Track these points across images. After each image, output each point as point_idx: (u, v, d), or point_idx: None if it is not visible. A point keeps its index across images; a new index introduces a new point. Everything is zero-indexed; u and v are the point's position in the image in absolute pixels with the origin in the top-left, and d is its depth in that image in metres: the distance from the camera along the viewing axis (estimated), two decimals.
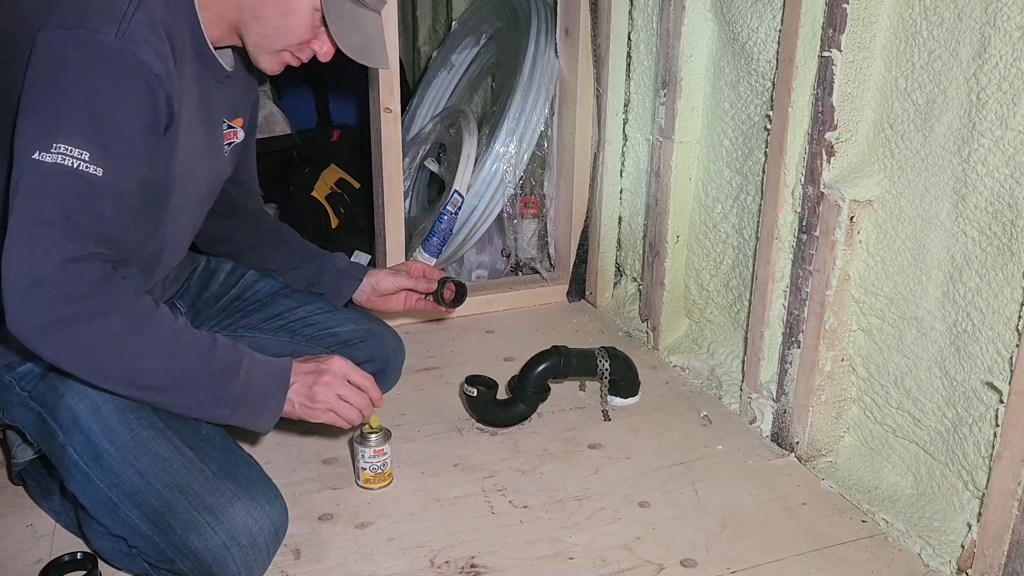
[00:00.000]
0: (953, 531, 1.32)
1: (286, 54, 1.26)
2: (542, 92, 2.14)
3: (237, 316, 1.54)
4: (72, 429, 1.16)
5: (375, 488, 1.45)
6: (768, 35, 1.57)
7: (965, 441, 1.31)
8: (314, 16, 1.21)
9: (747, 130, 1.68)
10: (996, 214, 1.22)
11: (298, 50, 1.26)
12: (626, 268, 2.18)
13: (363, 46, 1.25)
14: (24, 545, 1.31)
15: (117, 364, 1.09)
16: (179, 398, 1.15)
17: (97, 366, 1.09)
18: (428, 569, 1.28)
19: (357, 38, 1.23)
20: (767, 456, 1.58)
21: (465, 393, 1.62)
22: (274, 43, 1.23)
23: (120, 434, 1.16)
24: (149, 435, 1.17)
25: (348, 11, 1.22)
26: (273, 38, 1.23)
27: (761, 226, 1.60)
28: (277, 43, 1.23)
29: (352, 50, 1.23)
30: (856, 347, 1.49)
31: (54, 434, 1.17)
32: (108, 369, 1.09)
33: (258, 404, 1.19)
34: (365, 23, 1.25)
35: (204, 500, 1.14)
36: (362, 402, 1.27)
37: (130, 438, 1.16)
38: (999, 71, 1.18)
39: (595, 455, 1.57)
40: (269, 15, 1.20)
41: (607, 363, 1.67)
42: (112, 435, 1.16)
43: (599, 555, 1.31)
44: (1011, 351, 1.21)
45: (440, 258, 2.21)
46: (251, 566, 1.17)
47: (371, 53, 1.27)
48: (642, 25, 1.94)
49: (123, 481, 1.15)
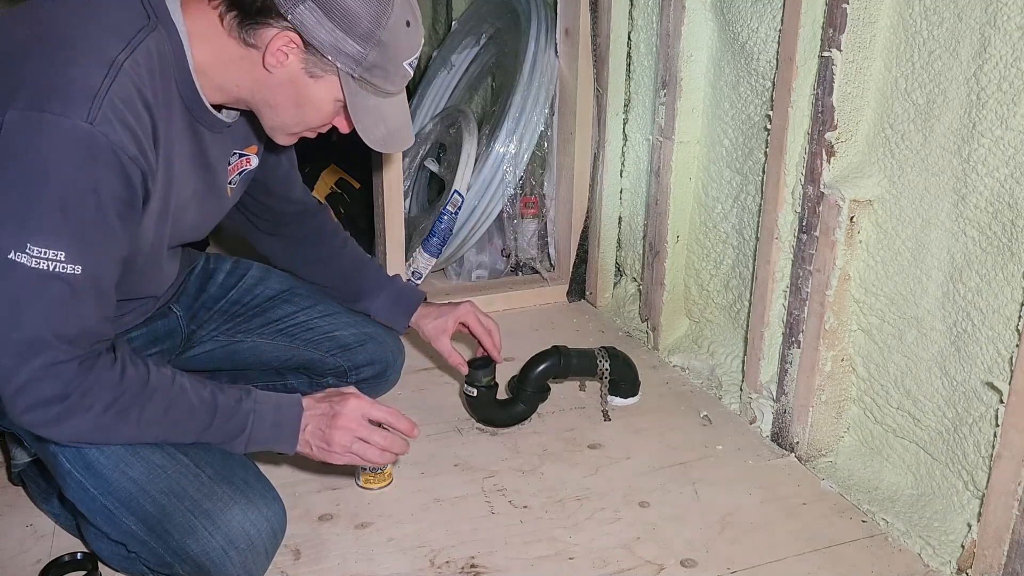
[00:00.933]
0: (953, 531, 1.32)
1: (306, 133, 1.24)
2: (542, 92, 2.14)
3: (237, 321, 1.54)
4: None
5: (375, 488, 1.45)
6: (768, 35, 1.57)
7: (965, 441, 1.31)
8: (336, 105, 1.18)
9: (747, 130, 1.68)
10: (996, 214, 1.22)
11: (319, 129, 1.24)
12: (626, 268, 2.18)
13: (389, 134, 1.21)
14: (24, 545, 1.31)
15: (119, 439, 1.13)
16: None
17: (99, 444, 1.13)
18: (428, 569, 1.28)
19: (382, 130, 1.20)
20: (767, 456, 1.58)
21: (465, 393, 1.62)
22: (291, 128, 1.21)
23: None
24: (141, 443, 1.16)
25: (373, 105, 1.18)
26: (291, 125, 1.20)
27: (761, 226, 1.60)
28: (294, 128, 1.21)
29: (377, 143, 1.21)
30: (856, 347, 1.49)
31: (46, 442, 1.17)
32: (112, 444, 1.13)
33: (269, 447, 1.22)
34: (390, 111, 1.21)
35: (200, 504, 1.14)
36: (387, 441, 1.24)
37: (121, 446, 1.15)
38: (999, 71, 1.18)
39: (595, 455, 1.57)
40: (285, 106, 1.17)
41: (607, 363, 1.67)
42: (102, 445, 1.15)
43: (599, 555, 1.31)
44: (1011, 351, 1.21)
45: (440, 258, 2.21)
46: (250, 569, 1.16)
47: (395, 138, 1.24)
48: (642, 25, 1.94)
49: (116, 489, 1.14)
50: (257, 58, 1.12)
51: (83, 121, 1.00)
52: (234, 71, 1.15)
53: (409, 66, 1.18)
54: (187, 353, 1.50)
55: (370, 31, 1.10)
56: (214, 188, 1.29)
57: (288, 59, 1.11)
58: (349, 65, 1.12)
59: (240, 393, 1.19)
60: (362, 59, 1.12)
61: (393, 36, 1.12)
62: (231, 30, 1.11)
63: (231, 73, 1.15)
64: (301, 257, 1.60)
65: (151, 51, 1.08)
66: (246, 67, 1.14)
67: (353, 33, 1.10)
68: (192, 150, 1.19)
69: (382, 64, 1.14)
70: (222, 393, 1.18)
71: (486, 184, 2.16)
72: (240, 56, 1.13)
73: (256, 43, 1.11)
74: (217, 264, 1.57)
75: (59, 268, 1.01)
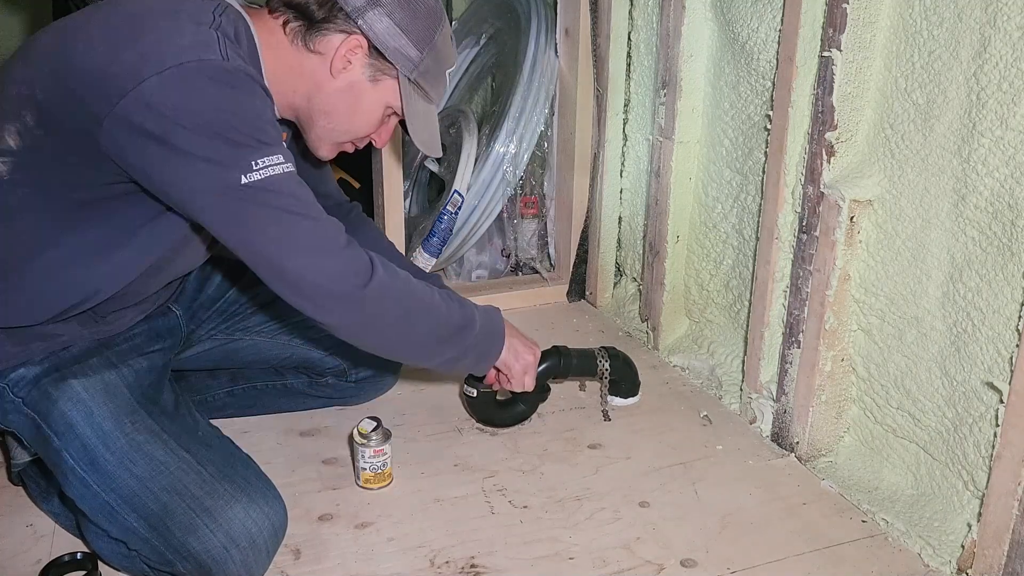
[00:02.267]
0: (953, 531, 1.32)
1: (347, 144, 1.30)
2: (542, 92, 2.14)
3: (236, 319, 1.54)
4: (67, 435, 1.16)
5: (375, 488, 1.45)
6: (768, 35, 1.57)
7: (965, 441, 1.31)
8: (385, 112, 1.26)
9: (747, 130, 1.68)
10: (996, 214, 1.22)
11: (359, 140, 1.30)
12: (626, 268, 2.18)
13: (431, 138, 1.32)
14: (24, 545, 1.31)
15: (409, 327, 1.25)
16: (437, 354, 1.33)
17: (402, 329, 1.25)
18: (428, 569, 1.28)
19: (427, 133, 1.30)
20: (767, 456, 1.58)
21: (465, 393, 1.62)
22: (339, 137, 1.28)
23: (115, 439, 1.16)
24: (144, 439, 1.17)
25: (421, 110, 1.28)
26: (340, 132, 1.27)
27: (761, 226, 1.60)
28: (342, 137, 1.28)
29: (422, 143, 1.31)
30: (856, 347, 1.49)
31: (49, 440, 1.17)
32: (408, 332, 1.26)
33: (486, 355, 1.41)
34: (431, 118, 1.32)
35: (202, 502, 1.14)
36: None
37: (125, 442, 1.16)
38: (999, 71, 1.18)
39: (595, 455, 1.57)
40: (339, 113, 1.24)
41: (607, 363, 1.67)
42: (107, 440, 1.15)
43: (599, 555, 1.31)
44: (1011, 351, 1.21)
45: (440, 258, 2.21)
46: (251, 567, 1.17)
47: (434, 143, 1.34)
48: (642, 25, 1.94)
49: (120, 485, 1.14)
50: (320, 64, 1.19)
51: (224, 58, 1.06)
52: (294, 78, 1.21)
53: (448, 75, 1.30)
54: (187, 352, 1.51)
55: (428, 37, 1.21)
56: None
57: (352, 64, 1.19)
58: (408, 68, 1.22)
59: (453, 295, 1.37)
60: (419, 62, 1.22)
61: (443, 44, 1.25)
62: (295, 38, 1.19)
63: (291, 81, 1.21)
64: None
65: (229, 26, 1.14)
66: (307, 74, 1.20)
67: (414, 38, 1.20)
68: None
69: (433, 70, 1.25)
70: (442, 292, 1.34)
71: (486, 184, 2.16)
72: (302, 63, 1.20)
73: (322, 50, 1.19)
74: (216, 264, 1.57)
75: (286, 168, 1.10)
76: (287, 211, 1.10)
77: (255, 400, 1.63)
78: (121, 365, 1.26)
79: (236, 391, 1.62)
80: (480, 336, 1.36)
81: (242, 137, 1.06)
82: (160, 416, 1.22)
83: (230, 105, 1.06)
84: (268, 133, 1.09)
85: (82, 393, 1.18)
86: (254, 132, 1.07)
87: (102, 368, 1.24)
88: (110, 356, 1.26)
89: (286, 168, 1.10)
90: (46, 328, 1.21)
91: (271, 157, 1.08)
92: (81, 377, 1.21)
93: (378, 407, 1.68)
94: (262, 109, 1.10)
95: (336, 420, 1.65)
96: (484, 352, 1.40)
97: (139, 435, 1.17)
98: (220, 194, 1.06)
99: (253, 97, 1.09)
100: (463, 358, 1.37)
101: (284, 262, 1.11)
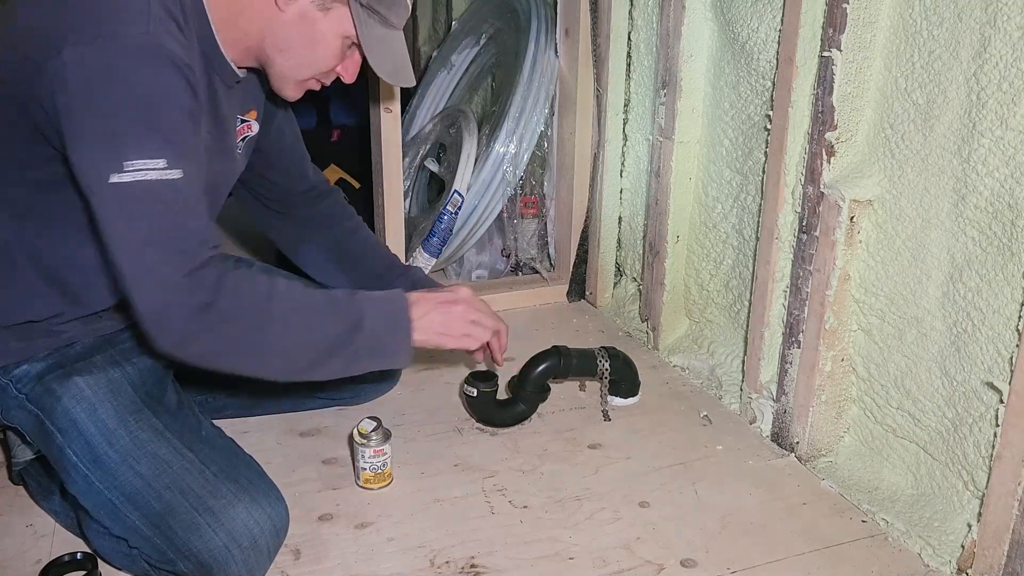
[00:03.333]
0: (953, 531, 1.32)
1: (311, 81, 1.24)
2: (542, 92, 2.14)
3: None
4: (70, 432, 1.16)
5: (375, 488, 1.45)
6: (768, 35, 1.57)
7: (965, 441, 1.31)
8: (344, 43, 1.20)
9: (747, 130, 1.68)
10: (996, 214, 1.22)
11: (324, 76, 1.24)
12: (626, 268, 2.18)
13: (396, 68, 1.24)
14: (24, 545, 1.31)
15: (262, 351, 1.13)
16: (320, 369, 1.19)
17: (248, 359, 1.12)
18: (428, 569, 1.28)
19: (390, 62, 1.23)
20: (767, 456, 1.58)
21: (465, 393, 1.62)
22: (300, 73, 1.22)
23: (119, 436, 1.16)
24: (148, 437, 1.17)
25: (380, 36, 1.20)
26: (300, 68, 1.21)
27: (761, 226, 1.60)
28: (304, 72, 1.22)
29: (387, 74, 1.23)
30: (856, 347, 1.49)
31: (52, 437, 1.17)
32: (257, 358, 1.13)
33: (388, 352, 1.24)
34: (396, 45, 1.24)
35: (205, 502, 1.14)
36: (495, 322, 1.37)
37: (129, 440, 1.16)
38: (999, 71, 1.18)
39: (595, 455, 1.57)
40: (295, 47, 1.18)
41: (607, 363, 1.67)
42: (111, 437, 1.16)
43: (599, 555, 1.31)
44: (1011, 351, 1.21)
45: (440, 258, 2.21)
46: (252, 567, 1.17)
47: (402, 73, 1.26)
48: (642, 25, 1.94)
49: (123, 483, 1.14)
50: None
51: (144, 35, 1.01)
52: (246, 21, 1.15)
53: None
54: None
55: None
56: (225, 148, 1.29)
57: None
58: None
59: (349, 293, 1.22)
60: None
61: None
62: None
63: (242, 20, 1.16)
64: (311, 239, 1.59)
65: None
66: (256, 12, 1.14)
67: None
68: (209, 99, 1.20)
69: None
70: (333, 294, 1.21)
71: (486, 184, 2.16)
72: (251, 2, 1.14)
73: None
74: None
75: (164, 175, 1.02)
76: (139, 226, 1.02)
77: (256, 401, 1.63)
78: (125, 363, 1.26)
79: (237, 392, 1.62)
80: (373, 333, 1.21)
81: (128, 127, 1.01)
82: (164, 415, 1.22)
83: (130, 90, 1.00)
84: (164, 126, 1.03)
85: (86, 390, 1.18)
86: (146, 123, 1.01)
87: (106, 365, 1.24)
88: (114, 354, 1.26)
89: (165, 175, 1.02)
90: (50, 325, 1.21)
91: (150, 161, 1.01)
92: (85, 374, 1.21)
93: (378, 407, 1.68)
94: (171, 96, 1.03)
95: (336, 420, 1.65)
96: (384, 347, 1.23)
97: (143, 433, 1.17)
98: (92, 187, 1.02)
99: (164, 83, 1.02)
100: (358, 361, 1.22)
101: (125, 281, 1.04)
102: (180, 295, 1.03)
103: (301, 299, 1.17)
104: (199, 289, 1.05)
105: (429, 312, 1.27)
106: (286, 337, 1.13)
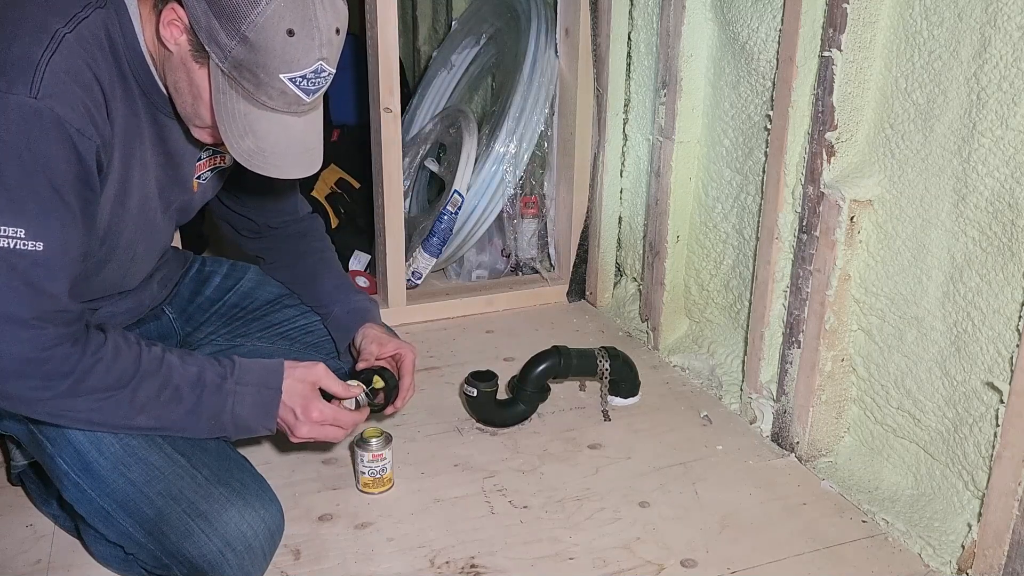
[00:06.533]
0: (953, 531, 1.32)
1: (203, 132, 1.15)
2: (542, 92, 2.14)
3: (236, 324, 1.53)
4: (59, 441, 1.15)
5: (375, 493, 1.45)
6: (768, 35, 1.57)
7: (965, 441, 1.31)
8: None
9: (747, 130, 1.68)
10: (996, 214, 1.22)
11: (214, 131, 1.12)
12: (626, 268, 2.18)
13: (258, 153, 1.09)
14: (24, 545, 1.31)
15: (108, 424, 1.12)
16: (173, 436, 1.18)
17: (88, 427, 1.12)
18: (428, 569, 1.28)
19: (250, 144, 1.08)
20: (767, 456, 1.58)
21: (465, 393, 1.62)
22: (188, 120, 1.15)
23: (108, 444, 1.15)
24: (138, 443, 1.16)
25: (242, 111, 1.06)
26: (186, 115, 1.14)
27: (761, 226, 1.60)
28: (191, 120, 1.14)
29: (243, 156, 1.08)
30: (856, 347, 1.49)
31: (43, 446, 1.16)
32: (103, 428, 1.12)
33: (250, 430, 1.21)
34: (264, 128, 1.08)
35: (197, 507, 1.13)
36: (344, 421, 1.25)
37: (119, 447, 1.15)
38: (999, 71, 1.18)
39: (595, 455, 1.57)
40: (182, 93, 1.11)
41: (607, 363, 1.67)
42: (100, 445, 1.15)
43: (599, 555, 1.31)
44: (1011, 351, 1.21)
45: (440, 258, 2.21)
46: (248, 570, 1.16)
47: (269, 162, 1.10)
48: (642, 25, 1.94)
49: (114, 490, 1.14)
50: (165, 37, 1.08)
51: (27, 96, 0.97)
52: (163, 56, 1.11)
53: (293, 83, 1.04)
54: None
55: (234, 22, 1.00)
56: (178, 180, 1.26)
57: (181, 37, 1.06)
58: (219, 56, 1.03)
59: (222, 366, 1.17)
60: (228, 53, 1.02)
61: (264, 38, 1.01)
62: (153, 6, 1.08)
63: (162, 59, 1.11)
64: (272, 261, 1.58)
65: (98, 27, 1.05)
66: (164, 48, 1.09)
67: (222, 19, 1.01)
68: (152, 136, 1.17)
69: (251, 67, 1.03)
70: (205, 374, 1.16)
71: (486, 184, 2.16)
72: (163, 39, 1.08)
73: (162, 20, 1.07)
74: (213, 267, 1.56)
75: (20, 245, 0.99)
76: None
77: None
78: None
79: None
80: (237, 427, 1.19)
81: None
82: None
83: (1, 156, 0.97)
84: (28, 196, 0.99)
85: None
86: (9, 192, 0.98)
87: None
88: None
89: (25, 246, 0.99)
90: None
91: (11, 229, 0.98)
92: None
93: None
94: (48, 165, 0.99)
95: None
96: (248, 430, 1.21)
97: (133, 439, 1.16)
98: None
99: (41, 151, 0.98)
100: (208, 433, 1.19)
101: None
102: (24, 369, 1.02)
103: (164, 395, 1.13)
104: (44, 367, 1.02)
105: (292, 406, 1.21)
106: (139, 420, 1.12)
